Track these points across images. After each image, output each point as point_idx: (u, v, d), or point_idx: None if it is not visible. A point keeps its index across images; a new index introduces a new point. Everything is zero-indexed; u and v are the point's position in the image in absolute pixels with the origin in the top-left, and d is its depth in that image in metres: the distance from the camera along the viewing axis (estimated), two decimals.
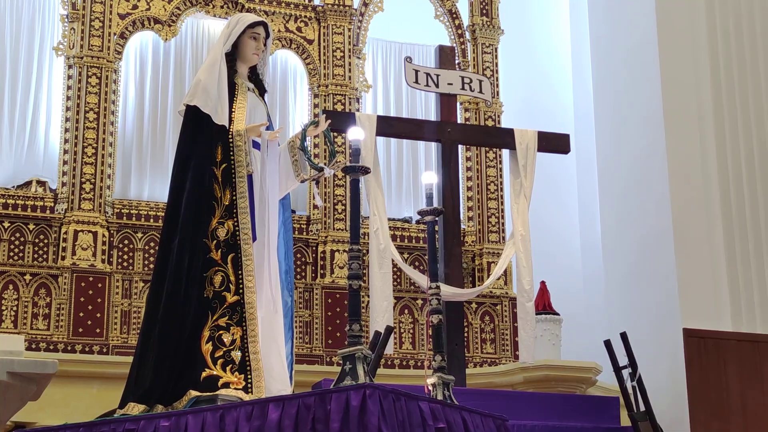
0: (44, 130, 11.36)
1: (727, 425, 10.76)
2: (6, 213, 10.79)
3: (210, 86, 6.67)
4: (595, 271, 12.80)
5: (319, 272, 11.52)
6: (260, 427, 5.36)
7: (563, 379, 11.05)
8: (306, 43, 12.03)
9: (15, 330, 10.28)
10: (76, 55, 11.23)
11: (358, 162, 5.96)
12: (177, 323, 6.33)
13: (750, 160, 11.60)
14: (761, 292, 11.28)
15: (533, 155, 10.34)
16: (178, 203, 6.59)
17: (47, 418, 8.32)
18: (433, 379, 6.05)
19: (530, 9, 13.97)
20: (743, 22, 11.96)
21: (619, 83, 12.38)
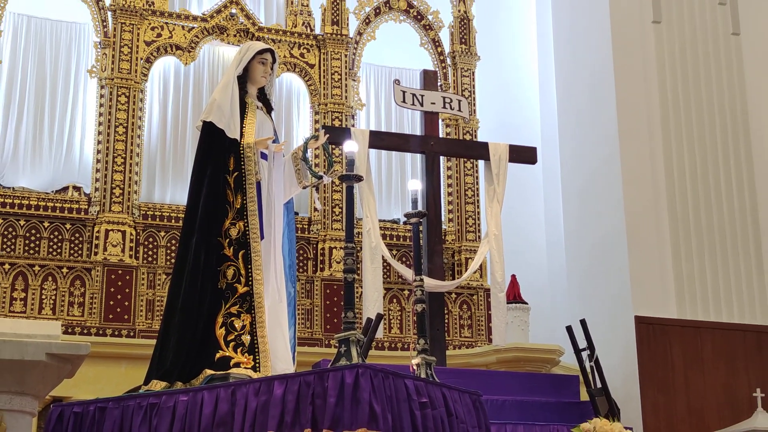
0: (79, 142, 11.35)
1: (673, 400, 10.78)
2: (46, 214, 10.78)
3: (224, 105, 6.66)
4: (558, 266, 12.80)
5: (319, 266, 11.51)
6: (266, 401, 5.35)
7: (531, 360, 11.04)
8: (308, 67, 12.02)
9: (53, 316, 10.26)
10: (107, 77, 11.21)
11: (352, 171, 5.95)
12: (194, 311, 6.32)
13: (693, 172, 11.63)
14: (702, 285, 11.31)
15: (505, 165, 10.35)
16: (195, 206, 6.58)
17: (81, 394, 8.28)
18: (418, 359, 6.05)
19: (503, 38, 13.95)
20: (687, 53, 12.00)
21: (580, 103, 12.39)
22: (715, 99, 11.95)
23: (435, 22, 12.69)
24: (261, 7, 12.31)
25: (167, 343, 6.41)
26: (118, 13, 11.38)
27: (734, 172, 11.80)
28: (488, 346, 11.27)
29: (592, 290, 11.60)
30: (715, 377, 10.95)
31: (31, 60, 11.31)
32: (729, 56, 12.17)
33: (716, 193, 11.67)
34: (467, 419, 5.82)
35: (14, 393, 5.07)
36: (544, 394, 9.55)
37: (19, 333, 5.16)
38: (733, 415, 10.61)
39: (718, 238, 11.51)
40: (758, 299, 11.48)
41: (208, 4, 11.99)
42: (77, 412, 6.01)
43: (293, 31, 12.11)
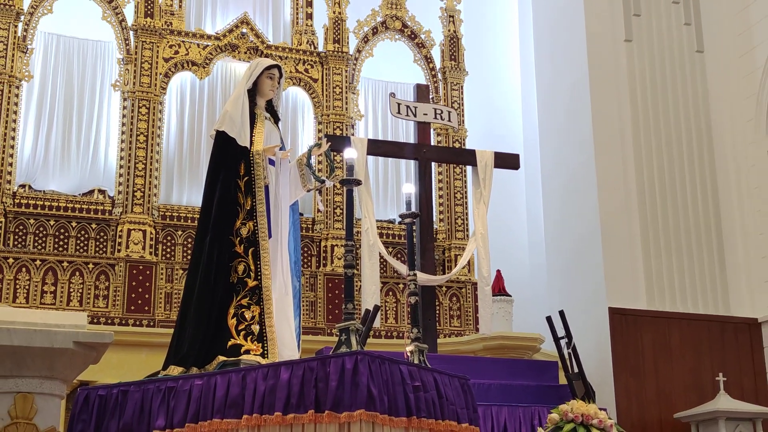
0: (104, 149, 11.34)
1: (643, 383, 10.79)
2: (73, 215, 10.78)
3: (235, 115, 6.66)
4: (539, 263, 12.80)
5: (322, 262, 11.51)
6: (274, 385, 5.35)
7: (514, 347, 11.03)
8: (312, 82, 12.02)
9: (80, 308, 10.25)
10: (129, 90, 11.21)
11: (352, 176, 5.95)
12: (208, 303, 6.32)
13: (661, 177, 11.65)
14: (669, 280, 11.32)
15: (490, 171, 10.35)
16: (209, 208, 6.58)
17: (105, 378, 8.28)
18: (411, 347, 6.04)
19: (489, 56, 13.96)
20: (656, 68, 12.01)
21: (558, 114, 12.39)
22: (681, 110, 11.97)
23: (427, 40, 12.70)
24: (269, 27, 12.31)
25: (184, 332, 6.41)
26: (139, 33, 11.38)
27: (698, 178, 11.82)
28: (475, 335, 11.27)
29: (570, 284, 11.60)
30: (681, 363, 10.96)
31: (60, 75, 11.30)
32: (693, 72, 12.19)
33: (682, 197, 11.68)
34: (456, 401, 5.82)
35: (44, 377, 5.07)
36: (526, 378, 9.55)
37: (48, 323, 5.16)
38: (698, 398, 10.63)
39: (684, 237, 11.53)
40: (720, 292, 11.50)
41: (221, 24, 12.00)
42: (102, 395, 6.01)
43: (298, 48, 12.12)
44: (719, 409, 10.10)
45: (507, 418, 8.69)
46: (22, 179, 10.89)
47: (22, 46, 11.00)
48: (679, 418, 10.52)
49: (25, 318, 5.19)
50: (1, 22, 10.90)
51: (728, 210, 11.85)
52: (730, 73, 12.28)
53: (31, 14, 11.13)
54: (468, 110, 12.75)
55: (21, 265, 10.38)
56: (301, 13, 12.39)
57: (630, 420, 10.21)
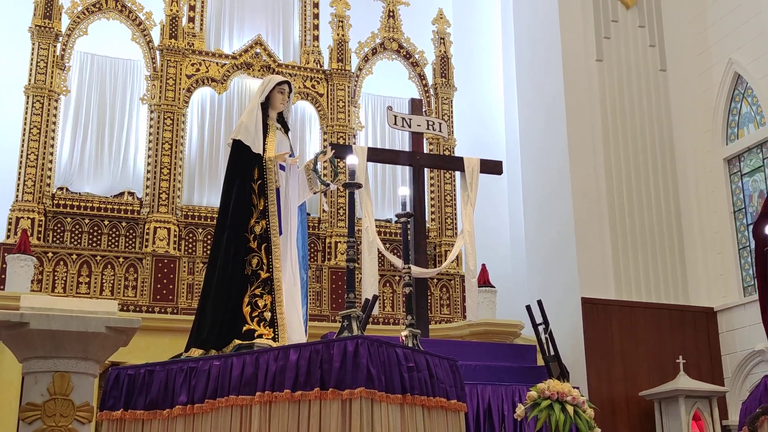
0: (133, 156, 11.37)
1: (612, 365, 10.81)
2: (106, 214, 10.81)
3: (250, 126, 6.65)
4: (520, 258, 12.81)
5: (326, 257, 11.52)
6: (283, 366, 5.35)
7: (497, 333, 11.06)
8: (318, 96, 12.04)
9: (111, 297, 10.27)
10: (155, 103, 11.22)
11: (353, 180, 5.96)
12: (226, 292, 6.31)
13: (628, 183, 11.67)
14: (635, 272, 11.34)
15: (477, 176, 10.36)
16: (227, 208, 6.57)
17: (133, 359, 8.28)
18: (406, 332, 6.04)
19: (476, 73, 13.96)
20: (624, 85, 12.03)
21: (537, 126, 12.41)
22: (646, 123, 11.98)
23: (420, 60, 12.72)
24: (280, 47, 12.33)
25: (204, 318, 6.41)
26: (164, 52, 11.39)
27: (662, 183, 11.84)
28: (463, 322, 11.30)
29: (547, 277, 11.62)
30: (646, 347, 10.97)
31: (94, 90, 11.33)
32: (657, 88, 12.21)
33: (647, 200, 11.70)
34: (446, 380, 5.83)
35: (79, 358, 5.07)
36: (508, 360, 9.57)
37: (83, 310, 5.16)
38: (661, 378, 10.64)
39: (648, 235, 11.55)
40: (680, 284, 11.52)
41: (237, 45, 12.02)
42: (131, 374, 6.01)
43: (306, 66, 12.14)
44: (679, 388, 10.12)
45: (491, 395, 8.71)
46: (60, 182, 10.91)
47: (60, 64, 11.02)
48: (643, 395, 10.53)
49: (63, 306, 5.19)
50: (42, 43, 10.91)
51: (688, 211, 11.87)
52: (690, 89, 12.30)
53: (68, 36, 11.15)
54: (457, 122, 12.78)
55: (59, 259, 10.39)
56: (308, 35, 12.42)
57: (600, 397, 10.21)
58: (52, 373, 4.96)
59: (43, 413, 4.89)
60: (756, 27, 11.35)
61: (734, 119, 11.83)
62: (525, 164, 12.64)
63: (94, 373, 5.29)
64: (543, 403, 6.57)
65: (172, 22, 11.50)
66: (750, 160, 11.59)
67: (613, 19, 12.21)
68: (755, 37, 11.36)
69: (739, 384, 10.94)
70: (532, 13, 12.73)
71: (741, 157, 11.70)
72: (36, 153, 10.64)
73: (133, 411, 5.89)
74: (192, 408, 5.65)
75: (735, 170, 11.78)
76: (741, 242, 11.54)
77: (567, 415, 6.47)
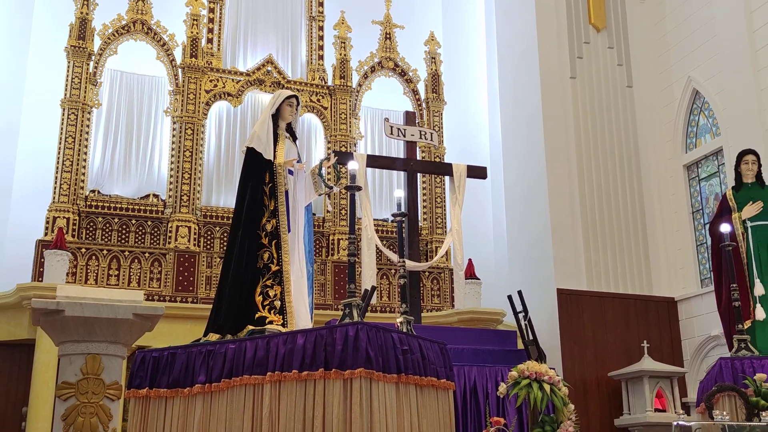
0: (158, 162, 11.35)
1: (583, 349, 10.80)
2: (133, 214, 10.79)
3: (262, 135, 6.66)
4: (502, 253, 12.82)
5: (330, 252, 11.51)
6: (292, 348, 5.34)
7: (482, 320, 11.05)
8: (322, 109, 12.02)
9: (138, 287, 10.26)
10: (178, 115, 11.20)
11: (354, 183, 5.96)
12: (240, 284, 6.31)
13: (599, 187, 11.66)
14: (605, 267, 11.33)
15: (464, 180, 10.35)
16: (241, 208, 6.57)
17: (158, 343, 8.27)
18: (401, 319, 6.04)
19: (463, 89, 13.97)
20: (595, 100, 12.03)
21: (518, 136, 12.40)
22: (614, 134, 11.98)
23: (414, 77, 12.71)
24: (289, 66, 12.32)
25: (221, 306, 6.40)
26: (186, 70, 11.38)
27: (628, 187, 11.83)
28: (451, 310, 11.29)
29: (527, 270, 11.61)
30: (614, 333, 10.97)
31: (123, 103, 11.32)
32: (624, 103, 12.20)
33: (615, 202, 11.69)
34: (436, 362, 5.82)
35: (109, 342, 5.06)
36: (492, 344, 9.56)
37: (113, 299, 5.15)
38: (627, 360, 10.64)
39: (616, 233, 11.55)
40: (645, 277, 11.52)
41: (250, 63, 12.01)
42: (155, 357, 6.00)
43: (312, 83, 12.12)
44: (644, 369, 10.12)
45: (476, 375, 8.70)
46: (92, 185, 10.90)
47: (93, 80, 11.00)
48: (612, 376, 10.53)
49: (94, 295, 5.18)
50: (76, 61, 10.90)
51: (651, 212, 11.88)
52: (653, 103, 12.31)
53: (100, 55, 11.13)
54: (446, 132, 12.78)
55: (91, 254, 10.37)
56: (314, 55, 12.41)
57: (573, 377, 10.21)
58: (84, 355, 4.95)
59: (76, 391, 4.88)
60: (712, 48, 11.36)
61: (693, 130, 11.84)
62: (507, 170, 12.64)
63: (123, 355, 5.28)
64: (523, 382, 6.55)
65: (192, 43, 11.48)
66: (707, 166, 11.60)
67: (585, 41, 12.21)
68: (711, 57, 11.38)
69: (696, 365, 10.95)
70: (513, 35, 12.73)
71: (699, 164, 11.71)
72: (71, 159, 10.63)
73: (157, 389, 5.88)
74: (210, 387, 5.64)
75: (693, 175, 11.78)
76: (699, 239, 11.56)
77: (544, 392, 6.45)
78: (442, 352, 5.97)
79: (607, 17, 12.41)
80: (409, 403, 5.37)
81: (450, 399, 5.89)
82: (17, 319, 9.79)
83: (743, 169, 8.59)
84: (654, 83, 12.39)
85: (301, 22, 12.56)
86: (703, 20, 11.61)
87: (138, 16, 11.41)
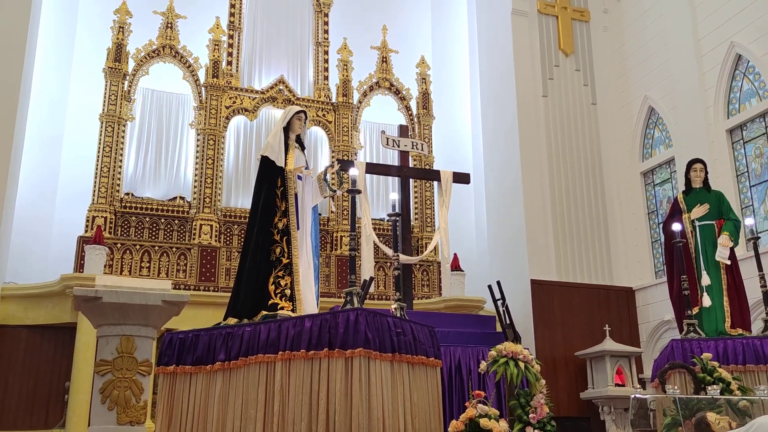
0: (184, 169, 11.32)
1: (554, 332, 10.82)
2: (162, 214, 10.76)
3: (274, 145, 6.65)
4: (483, 248, 12.84)
5: (333, 247, 11.50)
6: (300, 331, 5.34)
7: (465, 306, 11.05)
8: (327, 123, 12.01)
9: (166, 278, 10.23)
10: (201, 128, 11.18)
11: (355, 187, 5.96)
12: (255, 274, 6.30)
13: (567, 191, 11.69)
14: (572, 260, 11.36)
15: (450, 184, 10.35)
16: (256, 209, 6.56)
17: (183, 326, 8.23)
18: (395, 305, 6.04)
19: (450, 106, 13.98)
20: (563, 115, 12.06)
21: (498, 147, 12.43)
22: (581, 145, 12.01)
23: (407, 95, 12.70)
24: (298, 85, 12.30)
25: (238, 294, 6.39)
26: (208, 88, 11.36)
27: (593, 191, 11.86)
28: (439, 298, 11.28)
29: (504, 263, 11.64)
30: (580, 317, 11.00)
31: (153, 117, 11.29)
32: (590, 118, 12.24)
33: (581, 205, 11.72)
34: (426, 342, 5.83)
35: (141, 325, 5.05)
36: (474, 327, 9.55)
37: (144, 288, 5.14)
38: (591, 341, 10.67)
39: (582, 231, 11.58)
40: (606, 269, 11.56)
41: (265, 83, 11.99)
42: (181, 338, 6.00)
43: (318, 100, 12.11)
44: (606, 349, 10.14)
45: (461, 354, 8.70)
46: (127, 189, 10.87)
47: (127, 97, 10.98)
48: (578, 355, 10.56)
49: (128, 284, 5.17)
50: (113, 81, 10.88)
51: (612, 213, 11.90)
52: (614, 119, 12.34)
53: (133, 75, 11.11)
54: (435, 143, 12.77)
55: (125, 249, 10.35)
56: (320, 76, 12.39)
57: (544, 356, 10.24)
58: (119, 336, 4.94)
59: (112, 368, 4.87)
60: (665, 71, 11.40)
61: (649, 142, 11.86)
62: (487, 176, 12.66)
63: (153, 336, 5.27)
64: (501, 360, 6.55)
65: (214, 65, 11.47)
66: (660, 173, 11.62)
67: (555, 64, 12.23)
68: (665, 79, 11.41)
69: (651, 346, 10.98)
70: (493, 59, 12.75)
71: (653, 171, 11.74)
72: (108, 166, 10.60)
73: (183, 366, 5.87)
74: (228, 364, 5.64)
75: (649, 181, 11.81)
76: (653, 237, 11.58)
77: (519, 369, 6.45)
78: (430, 334, 5.98)
79: (575, 44, 12.44)
80: (402, 379, 5.37)
81: (438, 375, 5.89)
82: (61, 305, 9.78)
83: (692, 176, 8.60)
84: (615, 101, 12.42)
85: (309, 47, 12.55)
86: (657, 47, 11.64)
87: (167, 41, 11.39)
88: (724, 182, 9.88)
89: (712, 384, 6.39)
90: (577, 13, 12.59)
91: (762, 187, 9.74)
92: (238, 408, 5.46)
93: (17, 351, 9.73)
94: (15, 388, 9.58)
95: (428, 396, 5.68)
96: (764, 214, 9.67)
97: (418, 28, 14.18)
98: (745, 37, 10.01)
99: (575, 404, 10.41)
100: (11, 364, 9.68)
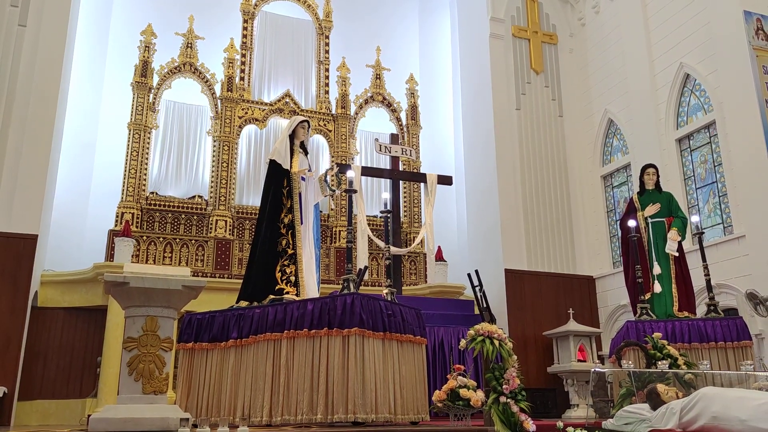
0: (202, 171, 11.27)
1: (525, 314, 10.84)
2: (183, 210, 10.71)
3: (281, 150, 6.66)
4: (463, 241, 12.85)
5: (333, 240, 11.48)
6: (303, 313, 5.35)
7: (448, 292, 11.05)
8: (328, 131, 11.99)
9: (186, 266, 10.19)
10: (217, 136, 11.14)
11: (351, 187, 5.96)
12: (264, 263, 6.31)
13: (537, 191, 11.70)
14: (541, 251, 11.36)
15: (435, 186, 10.38)
16: (265, 206, 6.57)
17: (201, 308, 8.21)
18: (386, 291, 6.05)
19: (435, 117, 13.97)
20: (534, 126, 12.05)
21: (476, 153, 12.43)
22: (549, 152, 12.03)
23: (397, 107, 12.69)
24: (302, 98, 12.26)
25: (249, 281, 6.40)
26: (223, 101, 11.32)
27: (559, 193, 11.89)
28: (425, 285, 11.29)
29: (482, 254, 11.65)
30: (547, 302, 11.03)
31: (175, 125, 11.23)
32: (557, 129, 12.25)
33: (549, 204, 11.74)
34: (413, 323, 5.84)
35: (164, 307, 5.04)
36: (455, 310, 9.59)
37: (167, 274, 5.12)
38: (557, 323, 10.70)
39: (550, 227, 11.60)
40: (571, 260, 11.58)
41: (273, 96, 11.94)
42: (199, 318, 5.99)
43: (320, 111, 12.08)
44: (570, 329, 10.18)
45: (443, 333, 8.73)
46: (151, 188, 10.82)
47: (152, 108, 10.93)
48: (546, 335, 10.59)
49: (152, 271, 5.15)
50: (139, 94, 10.83)
51: (576, 211, 11.94)
52: (578, 129, 12.37)
53: (158, 89, 11.06)
54: (422, 149, 12.76)
55: (150, 241, 10.31)
56: (321, 90, 12.36)
57: (517, 335, 10.27)
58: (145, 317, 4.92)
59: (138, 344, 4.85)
60: (623, 88, 11.44)
61: (608, 149, 11.90)
62: (467, 178, 12.67)
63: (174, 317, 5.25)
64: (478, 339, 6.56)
65: (228, 80, 11.43)
66: (618, 177, 11.67)
67: (527, 81, 12.25)
68: (623, 94, 11.45)
69: (609, 327, 11.02)
70: (473, 76, 12.76)
71: (612, 175, 11.78)
72: (135, 168, 10.56)
73: (200, 343, 5.87)
74: (240, 341, 5.64)
75: (608, 184, 11.85)
76: (611, 232, 11.62)
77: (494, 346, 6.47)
78: (417, 316, 6.00)
79: (544, 63, 12.46)
80: (392, 354, 5.39)
81: (423, 351, 5.91)
82: (94, 289, 9.74)
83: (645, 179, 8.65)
84: (579, 113, 12.45)
85: (311, 65, 12.52)
86: (616, 66, 11.68)
87: (187, 59, 11.34)
88: (673, 185, 9.93)
89: (661, 359, 6.43)
90: (547, 37, 12.61)
91: (706, 189, 9.80)
92: (249, 379, 5.47)
93: (55, 330, 9.72)
94: (53, 362, 9.56)
95: (415, 369, 5.70)
96: (708, 212, 9.73)
97: (408, 49, 14.17)
98: (692, 59, 10.07)
99: (543, 377, 10.45)
100: (50, 341, 9.66)
